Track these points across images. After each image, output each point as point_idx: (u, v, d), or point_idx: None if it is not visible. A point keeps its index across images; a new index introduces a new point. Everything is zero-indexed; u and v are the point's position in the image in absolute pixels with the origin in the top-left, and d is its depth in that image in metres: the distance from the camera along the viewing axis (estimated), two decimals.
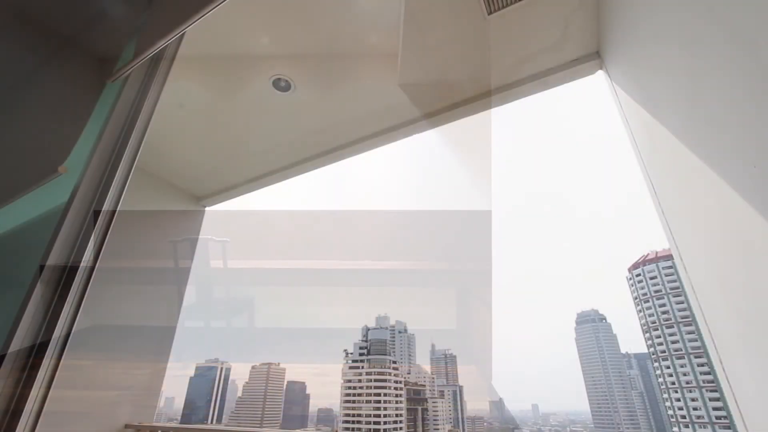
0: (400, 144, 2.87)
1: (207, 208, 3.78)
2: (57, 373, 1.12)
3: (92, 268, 1.27)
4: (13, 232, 1.53)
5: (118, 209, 1.36)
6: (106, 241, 1.32)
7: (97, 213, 1.29)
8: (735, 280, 1.32)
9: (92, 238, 1.27)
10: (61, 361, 1.14)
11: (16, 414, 1.02)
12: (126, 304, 2.99)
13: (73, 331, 1.19)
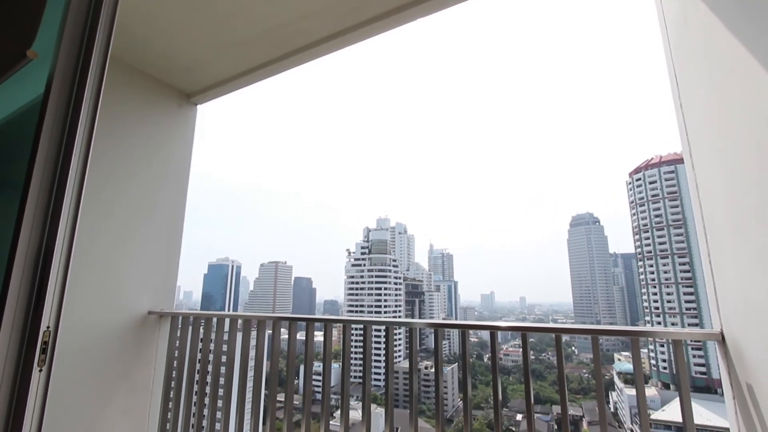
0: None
1: (198, 106, 3.59)
2: (70, 265, 1.15)
3: (86, 160, 1.23)
4: None
5: (101, 102, 1.28)
6: (94, 133, 1.26)
7: (78, 106, 1.21)
8: (743, 179, 1.29)
9: (79, 131, 1.21)
10: (72, 253, 1.17)
11: (38, 305, 1.07)
12: (126, 200, 3.01)
13: (77, 224, 1.20)
